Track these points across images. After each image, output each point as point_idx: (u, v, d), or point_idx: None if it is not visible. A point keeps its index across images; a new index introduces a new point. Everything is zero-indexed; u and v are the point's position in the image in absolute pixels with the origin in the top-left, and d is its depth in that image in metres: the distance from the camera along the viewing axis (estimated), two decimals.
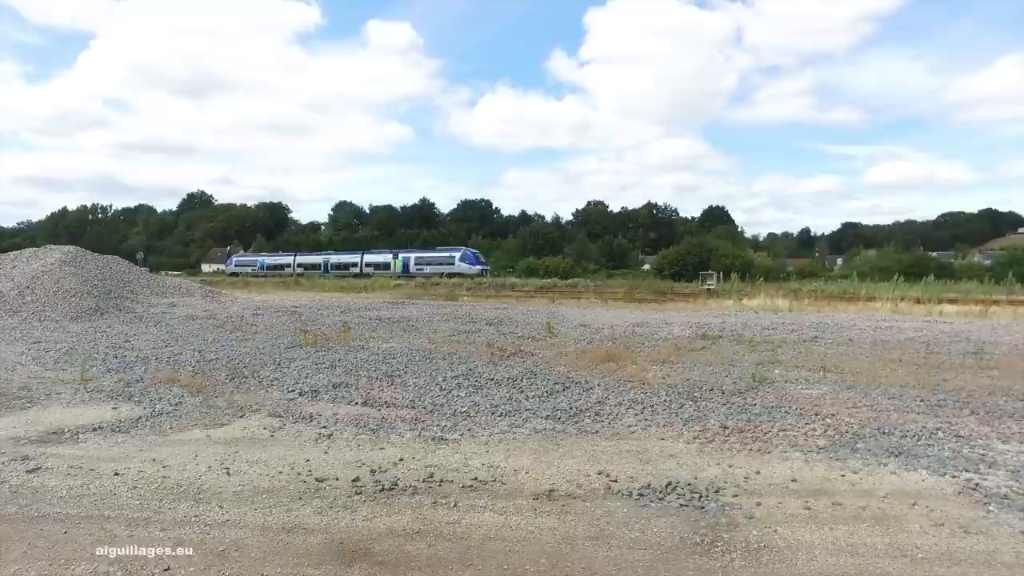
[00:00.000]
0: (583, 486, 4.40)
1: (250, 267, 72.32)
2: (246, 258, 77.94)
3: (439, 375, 8.19)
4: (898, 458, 4.99)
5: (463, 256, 59.28)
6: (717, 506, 4.07)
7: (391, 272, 59.46)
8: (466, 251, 61.16)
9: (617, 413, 6.35)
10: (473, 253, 61.19)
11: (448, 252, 61.41)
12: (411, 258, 62.22)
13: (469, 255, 59.84)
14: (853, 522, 3.85)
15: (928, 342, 11.43)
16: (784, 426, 5.85)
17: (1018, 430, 5.81)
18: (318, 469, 4.70)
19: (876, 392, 7.31)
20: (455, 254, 59.92)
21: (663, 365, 8.99)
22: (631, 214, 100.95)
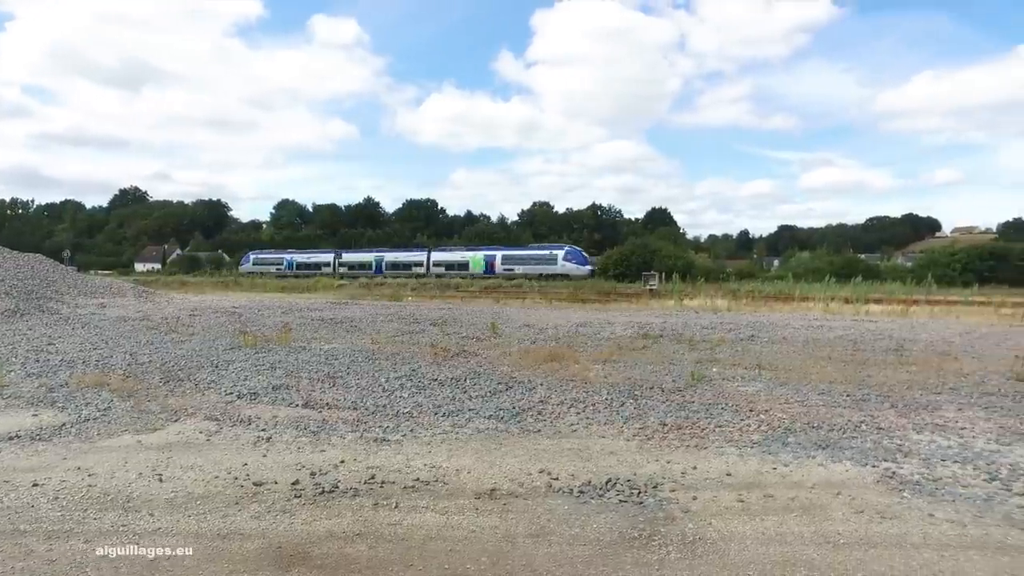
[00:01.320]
0: (525, 485, 4.45)
1: (274, 266, 64.49)
2: (268, 255, 68.97)
3: (382, 376, 8.11)
4: (825, 451, 5.22)
5: (569, 254, 51.37)
6: (655, 501, 4.17)
7: (468, 273, 52.60)
8: (571, 248, 53.32)
9: (559, 412, 6.43)
10: (579, 251, 53.51)
11: (548, 250, 53.65)
12: (497, 256, 54.19)
13: (576, 253, 52.04)
14: (783, 513, 4.01)
15: (855, 340, 11.97)
16: (720, 422, 6.04)
17: (931, 421, 6.17)
18: (256, 473, 4.60)
19: (807, 388, 7.62)
20: (558, 252, 51.95)
21: (605, 364, 9.14)
22: (576, 215, 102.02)
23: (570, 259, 50.47)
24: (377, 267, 58.97)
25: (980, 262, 42.47)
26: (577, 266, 49.69)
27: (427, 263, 56.71)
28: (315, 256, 65.52)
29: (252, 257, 69.15)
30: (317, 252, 68.12)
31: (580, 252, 52.79)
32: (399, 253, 62.28)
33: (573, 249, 53.02)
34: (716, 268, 59.98)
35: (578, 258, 51.01)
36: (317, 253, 67.27)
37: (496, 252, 55.38)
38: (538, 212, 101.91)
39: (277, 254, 69.29)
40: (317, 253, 67.27)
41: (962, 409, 6.67)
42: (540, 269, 49.62)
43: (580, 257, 51.37)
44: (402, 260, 59.37)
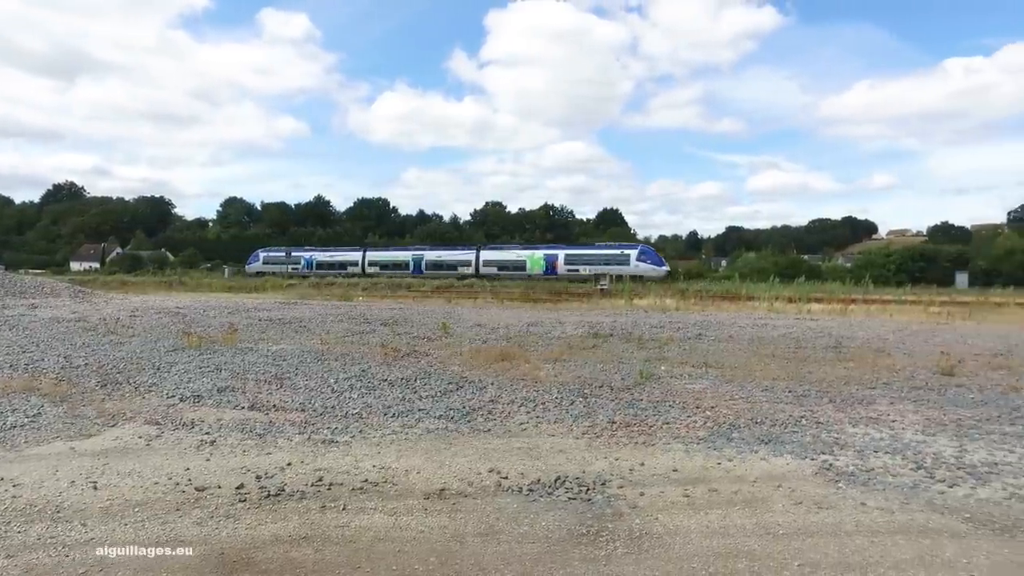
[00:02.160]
0: (474, 484, 4.45)
1: (288, 265, 58.18)
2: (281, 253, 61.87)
3: (331, 377, 7.99)
4: (767, 445, 5.38)
5: (643, 254, 47.56)
6: (603, 498, 4.23)
7: (525, 274, 48.47)
8: (645, 247, 49.95)
9: (510, 411, 6.45)
10: (652, 250, 50.22)
11: (619, 249, 49.50)
12: (559, 256, 50.09)
13: (651, 253, 48.57)
14: (726, 506, 4.12)
15: (797, 338, 12.36)
16: (668, 419, 6.16)
17: (865, 415, 6.44)
18: (199, 478, 4.47)
19: (751, 385, 7.84)
20: (630, 251, 48.01)
21: (556, 363, 9.21)
22: (528, 215, 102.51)
23: (645, 259, 46.90)
24: (416, 267, 54.21)
25: (912, 263, 44.66)
26: (653, 266, 46.00)
27: (476, 263, 52.14)
28: (340, 254, 60.24)
29: (262, 255, 63.09)
30: (342, 250, 62.80)
31: (654, 251, 49.68)
32: (443, 251, 57.49)
33: (647, 248, 49.90)
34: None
35: (653, 258, 47.56)
36: (342, 251, 61.86)
37: (558, 251, 51.39)
38: (491, 212, 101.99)
39: (294, 252, 62.74)
40: (342, 251, 61.86)
41: (894, 403, 6.97)
42: (610, 270, 45.08)
43: (655, 257, 47.93)
44: (446, 259, 54.34)
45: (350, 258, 58.34)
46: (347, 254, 59.72)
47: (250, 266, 62.35)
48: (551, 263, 49.42)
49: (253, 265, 62.13)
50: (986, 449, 5.33)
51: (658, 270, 45.43)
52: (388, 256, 58.26)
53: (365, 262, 56.83)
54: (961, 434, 5.79)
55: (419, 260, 55.00)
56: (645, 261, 46.61)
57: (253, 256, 64.23)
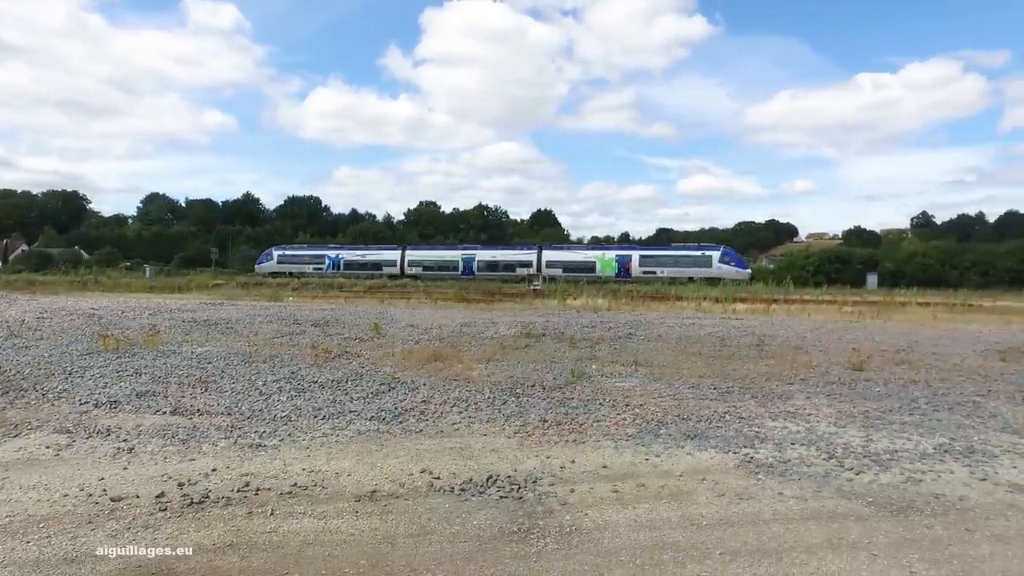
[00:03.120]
0: (406, 485, 4.43)
1: (310, 265, 52.64)
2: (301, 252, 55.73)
3: (259, 379, 7.77)
4: (693, 440, 5.57)
5: (725, 255, 44.51)
6: (534, 495, 4.28)
7: (594, 276, 43.91)
8: (727, 248, 46.44)
9: (442, 412, 6.44)
10: (734, 251, 46.88)
11: (700, 250, 46.44)
12: (633, 257, 46.37)
13: (733, 254, 45.43)
14: (653, 500, 4.24)
15: (723, 337, 12.82)
16: (598, 417, 6.29)
17: (784, 409, 6.76)
18: (115, 488, 4.26)
19: (679, 383, 8.08)
20: (712, 253, 44.82)
21: (488, 363, 9.24)
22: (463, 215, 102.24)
23: (727, 260, 43.90)
24: (466, 267, 49.14)
25: (829, 265, 47.03)
26: (736, 269, 43.13)
27: (537, 263, 47.83)
28: (373, 253, 53.87)
29: (276, 254, 55.78)
30: (376, 248, 56.21)
31: (736, 252, 46.88)
32: (498, 251, 52.44)
33: (729, 249, 46.68)
34: None
35: (737, 260, 44.68)
36: (376, 250, 55.47)
37: (632, 252, 47.59)
38: (424, 212, 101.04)
39: (315, 250, 56.51)
40: (376, 250, 55.47)
41: (810, 397, 7.34)
42: (691, 272, 42.53)
43: (739, 259, 45.19)
44: (503, 259, 49.63)
45: (386, 257, 52.38)
46: (382, 253, 53.70)
47: (261, 266, 55.13)
48: (624, 265, 45.86)
49: (265, 265, 54.93)
50: (888, 438, 5.70)
51: (742, 273, 42.82)
52: (433, 256, 52.54)
53: (404, 262, 51.14)
54: (868, 425, 6.17)
55: (470, 260, 49.82)
56: (728, 263, 43.69)
57: (265, 255, 56.89)
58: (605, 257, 47.19)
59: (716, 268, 42.82)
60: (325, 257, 53.82)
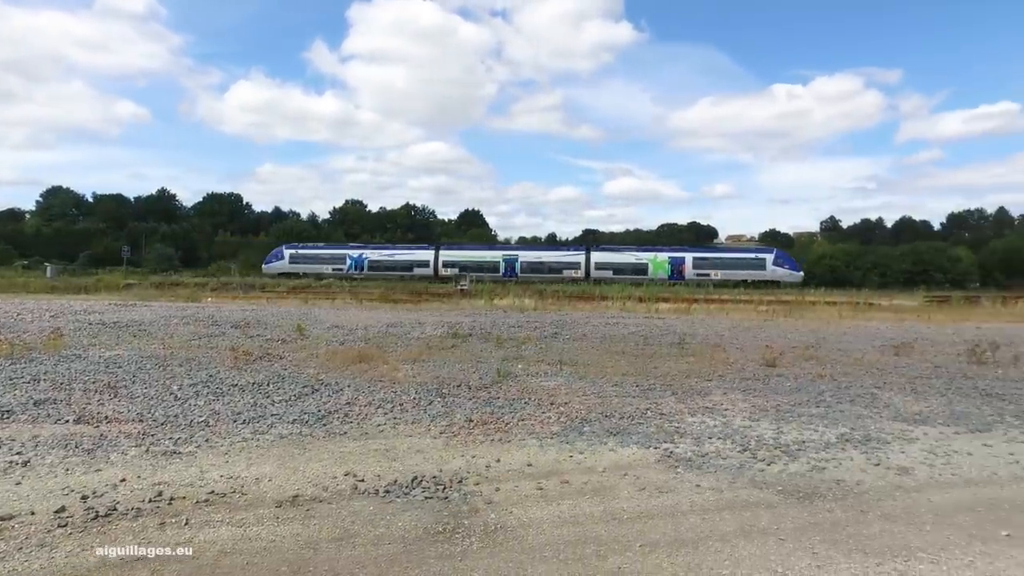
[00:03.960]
0: (329, 488, 4.35)
1: (328, 265, 48.98)
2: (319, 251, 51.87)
3: (174, 383, 7.44)
4: (616, 437, 5.72)
5: (779, 258, 45.35)
6: (460, 495, 4.30)
7: (645, 278, 43.27)
8: (780, 252, 47.52)
9: (367, 413, 6.36)
10: (787, 254, 47.69)
11: (754, 253, 47.65)
12: (687, 259, 46.33)
13: (786, 257, 46.44)
14: (577, 496, 4.34)
15: (645, 336, 13.19)
16: (523, 416, 6.36)
17: (702, 405, 7.03)
18: (5, 505, 3.97)
19: (603, 381, 8.27)
20: (766, 256, 45.59)
21: (414, 364, 9.19)
22: (390, 214, 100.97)
23: (781, 263, 44.71)
24: (508, 269, 47.73)
25: None
26: (790, 271, 44.07)
27: (585, 266, 47.28)
28: (403, 253, 51.40)
29: (288, 252, 51.70)
30: (405, 248, 53.90)
31: (788, 255, 47.61)
32: (544, 252, 51.43)
33: (782, 252, 47.74)
34: None
35: (790, 263, 45.47)
36: (406, 249, 52.95)
37: (685, 254, 47.47)
38: (350, 211, 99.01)
39: (335, 249, 53.01)
40: (406, 249, 52.95)
41: (726, 393, 7.66)
42: (745, 274, 43.22)
43: (791, 262, 45.86)
44: (548, 260, 48.60)
45: (418, 257, 50.08)
46: (414, 253, 51.26)
47: (269, 266, 51.17)
48: (677, 267, 45.84)
49: (273, 265, 51.06)
50: (797, 430, 6.03)
51: (795, 275, 43.65)
52: (472, 256, 50.00)
53: (439, 262, 49.04)
54: (779, 418, 6.50)
55: (512, 261, 48.65)
56: (782, 266, 44.57)
57: (274, 254, 52.76)
58: (657, 259, 46.82)
59: (770, 271, 43.81)
60: (346, 257, 50.51)
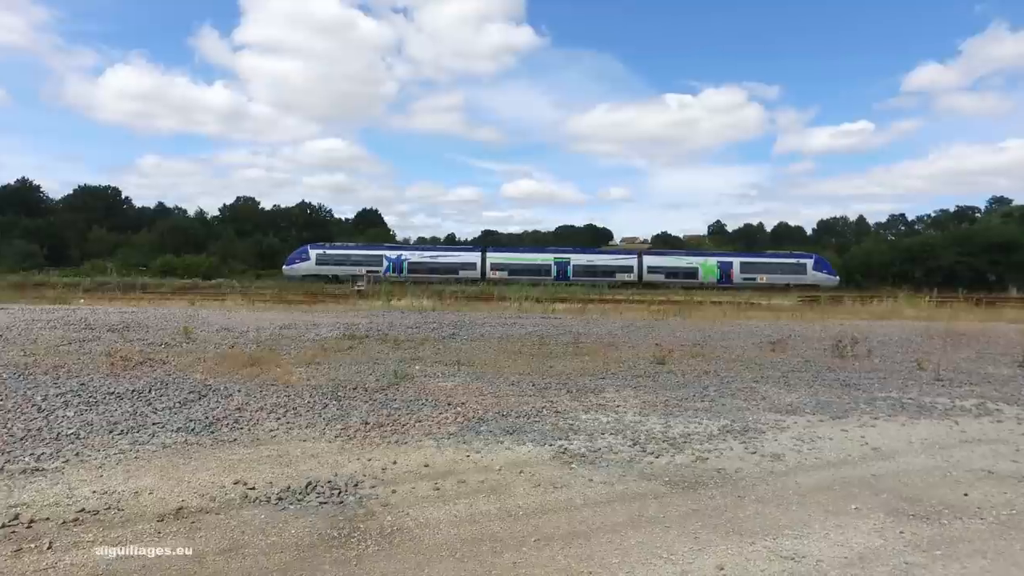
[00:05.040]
0: (217, 499, 4.17)
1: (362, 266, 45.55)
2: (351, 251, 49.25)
3: (37, 393, 6.84)
4: (512, 435, 5.83)
5: (818, 263, 48.02)
6: (355, 499, 4.25)
7: (696, 282, 44.67)
8: (818, 256, 49.57)
9: (258, 418, 6.13)
10: (824, 259, 49.77)
11: (795, 258, 49.33)
12: (735, 263, 48.05)
13: (823, 262, 48.80)
14: (473, 495, 4.39)
15: (542, 335, 13.46)
16: (420, 417, 6.35)
17: (596, 402, 7.30)
18: None
19: (500, 380, 8.38)
20: (806, 261, 48.11)
21: (309, 366, 8.94)
22: (284, 212, 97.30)
23: (820, 268, 47.47)
24: (560, 272, 47.20)
25: None
26: (828, 275, 46.77)
27: (638, 269, 47.63)
28: (446, 255, 49.73)
29: (314, 253, 48.50)
30: (448, 250, 52.96)
31: (826, 260, 49.81)
32: (596, 255, 51.41)
33: (820, 257, 49.82)
34: None
35: (827, 268, 48.21)
36: (450, 251, 51.76)
37: (733, 259, 49.37)
38: (242, 208, 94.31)
39: (369, 249, 50.45)
40: (450, 251, 51.76)
41: (619, 390, 7.98)
42: (788, 278, 45.42)
43: (828, 267, 48.61)
44: (601, 264, 48.53)
45: (464, 260, 48.60)
46: (459, 255, 49.95)
47: (292, 267, 47.90)
48: (726, 271, 47.50)
49: (298, 266, 47.74)
50: (684, 423, 6.38)
51: (832, 279, 46.27)
52: (521, 259, 49.32)
53: (486, 266, 47.70)
54: (667, 412, 6.85)
55: (564, 265, 48.04)
56: (821, 270, 47.23)
57: (298, 253, 49.57)
58: (708, 264, 48.15)
59: (811, 275, 46.12)
60: (383, 258, 48.03)
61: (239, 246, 70.75)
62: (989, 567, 3.51)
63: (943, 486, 4.79)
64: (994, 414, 7.24)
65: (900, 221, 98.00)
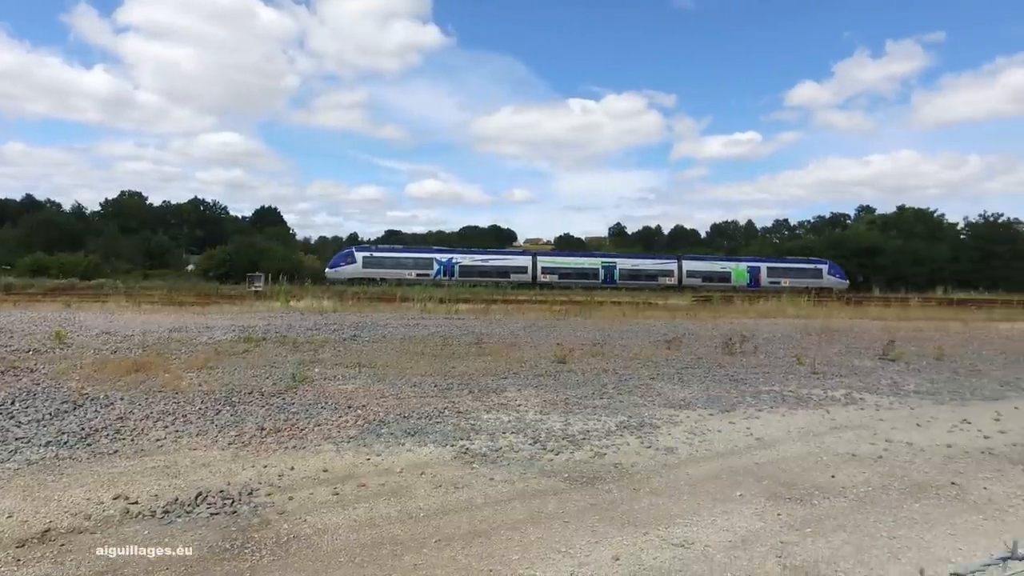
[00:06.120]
0: (93, 517, 3.88)
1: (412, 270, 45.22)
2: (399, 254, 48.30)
3: None
4: (414, 437, 5.79)
5: (831, 268, 52.73)
6: (250, 508, 4.08)
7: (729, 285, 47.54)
8: (831, 263, 53.68)
9: (144, 428, 5.76)
10: (837, 265, 53.82)
11: (812, 264, 53.36)
12: (762, 268, 51.48)
13: (836, 268, 53.29)
14: (374, 499, 4.33)
15: (445, 336, 13.43)
16: (320, 421, 6.18)
17: (498, 401, 7.37)
18: None
19: (402, 382, 8.29)
20: (822, 266, 52.77)
21: (201, 371, 8.48)
22: (175, 209, 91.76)
23: (833, 273, 52.31)
24: (607, 275, 49.01)
25: None
26: (839, 280, 51.50)
27: (679, 273, 50.35)
28: (498, 259, 50.34)
29: (360, 256, 46.86)
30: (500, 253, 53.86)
31: (837, 266, 53.94)
32: (640, 260, 53.59)
33: (833, 264, 54.05)
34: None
35: (839, 272, 52.81)
36: (502, 255, 52.55)
37: (760, 264, 52.99)
38: (127, 203, 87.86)
39: (419, 252, 49.98)
40: (502, 255, 52.55)
41: (520, 389, 8.09)
42: (807, 282, 47.99)
43: (840, 272, 53.11)
44: (645, 268, 50.86)
45: (516, 263, 49.42)
46: (512, 259, 51.07)
47: (337, 270, 45.93)
48: (755, 276, 51.03)
49: (343, 269, 45.84)
50: (583, 421, 6.56)
51: (843, 283, 51.15)
52: (570, 263, 51.15)
53: (537, 269, 48.62)
54: (567, 410, 7.02)
55: (611, 268, 50.04)
56: (834, 275, 52.09)
57: (342, 256, 48.08)
58: (739, 268, 52.11)
59: (826, 279, 50.98)
60: (434, 261, 47.85)
61: (124, 244, 65.96)
62: (848, 539, 3.85)
63: (815, 470, 5.19)
64: (858, 403, 7.92)
65: (784, 226, 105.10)
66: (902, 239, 67.32)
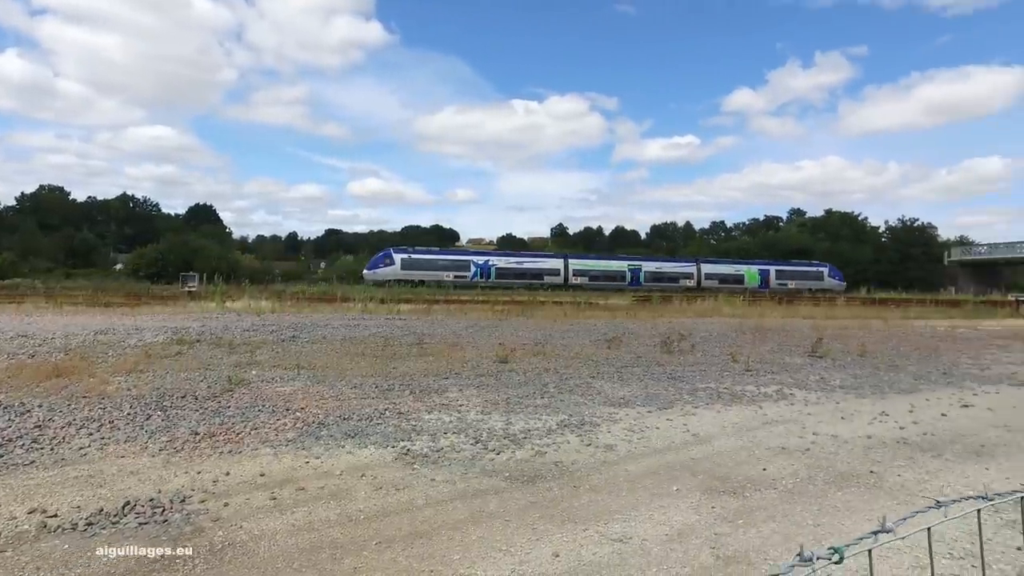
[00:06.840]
0: (4, 533, 3.67)
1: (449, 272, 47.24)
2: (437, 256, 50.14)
3: None
4: (354, 439, 5.71)
5: (831, 271, 57.34)
6: (182, 516, 3.94)
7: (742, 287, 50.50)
8: (831, 266, 58.40)
9: (65, 436, 5.48)
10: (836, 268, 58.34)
11: (814, 267, 57.84)
12: (771, 271, 55.71)
13: (835, 270, 57.76)
14: (313, 503, 4.25)
15: (386, 336, 13.29)
16: (257, 424, 6.03)
17: (439, 402, 7.34)
18: None
19: (342, 383, 8.16)
20: (823, 269, 57.42)
21: (130, 375, 8.14)
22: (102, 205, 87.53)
23: (833, 275, 56.60)
24: (634, 277, 52.46)
25: None
26: (838, 282, 55.98)
27: (697, 275, 54.04)
28: (532, 261, 52.48)
29: (399, 258, 47.91)
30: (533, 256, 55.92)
31: (837, 269, 58.12)
32: (663, 263, 57.68)
33: (833, 267, 58.22)
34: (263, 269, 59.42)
35: (838, 275, 57.00)
36: (535, 258, 54.47)
37: (769, 267, 56.56)
38: (47, 198, 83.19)
39: (456, 255, 52.85)
40: (535, 258, 54.47)
41: (462, 389, 8.08)
42: (810, 284, 53.83)
43: (839, 274, 57.41)
44: (668, 271, 54.79)
45: (549, 266, 51.43)
46: (545, 261, 52.85)
47: (376, 272, 46.62)
48: (764, 278, 54.70)
49: (382, 271, 46.68)
50: (524, 420, 6.61)
51: (841, 285, 55.53)
52: (599, 266, 53.71)
53: (569, 271, 50.96)
54: (509, 410, 7.05)
55: (637, 271, 53.37)
56: (834, 278, 56.61)
57: (380, 258, 48.92)
58: (751, 271, 55.80)
59: (827, 281, 55.65)
60: (471, 263, 49.92)
61: (43, 241, 62.49)
62: (777, 528, 4.01)
63: (748, 464, 5.38)
64: (788, 398, 8.25)
65: (721, 228, 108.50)
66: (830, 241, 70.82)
